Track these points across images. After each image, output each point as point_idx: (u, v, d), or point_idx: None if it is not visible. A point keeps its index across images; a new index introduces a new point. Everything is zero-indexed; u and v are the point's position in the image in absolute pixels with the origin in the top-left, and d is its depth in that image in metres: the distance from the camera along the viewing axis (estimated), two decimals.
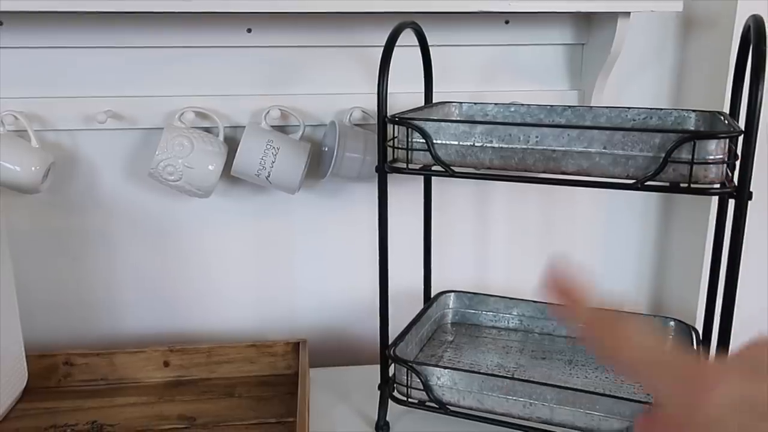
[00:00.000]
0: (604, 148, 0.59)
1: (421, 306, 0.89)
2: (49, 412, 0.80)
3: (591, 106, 0.78)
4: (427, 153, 0.65)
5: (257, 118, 0.88)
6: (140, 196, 0.91)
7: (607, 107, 0.77)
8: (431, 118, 0.67)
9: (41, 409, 0.80)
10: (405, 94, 0.88)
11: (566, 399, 0.66)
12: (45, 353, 0.85)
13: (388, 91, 0.91)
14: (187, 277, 0.95)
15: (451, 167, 0.64)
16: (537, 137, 0.60)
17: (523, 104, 0.81)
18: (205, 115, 0.86)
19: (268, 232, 0.95)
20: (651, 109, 0.76)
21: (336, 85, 0.91)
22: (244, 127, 0.87)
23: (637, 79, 0.95)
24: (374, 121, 0.90)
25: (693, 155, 0.56)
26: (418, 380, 0.71)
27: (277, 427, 0.77)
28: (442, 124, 0.64)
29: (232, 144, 0.86)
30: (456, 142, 0.64)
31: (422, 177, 0.88)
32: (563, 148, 0.60)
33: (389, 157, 0.69)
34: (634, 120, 0.76)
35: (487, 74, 0.94)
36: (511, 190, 0.98)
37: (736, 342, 0.63)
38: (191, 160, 0.82)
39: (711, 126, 0.71)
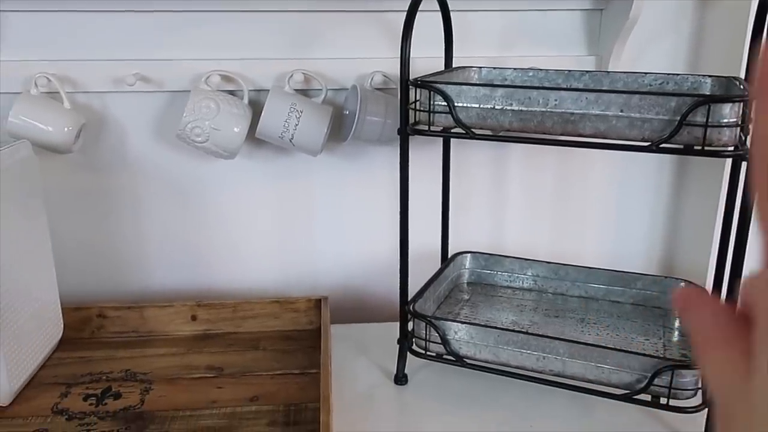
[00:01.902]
0: (621, 111, 0.61)
1: (439, 266, 0.92)
2: (84, 361, 0.84)
3: (608, 71, 0.80)
4: (449, 116, 0.67)
5: (280, 81, 0.90)
6: (167, 156, 0.94)
7: (624, 72, 0.79)
8: (453, 81, 0.69)
9: (76, 358, 0.85)
10: (425, 58, 0.90)
11: (578, 353, 0.69)
12: (80, 306, 0.89)
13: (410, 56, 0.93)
14: (211, 235, 0.99)
15: (472, 129, 0.67)
16: (556, 101, 0.62)
17: (541, 69, 0.83)
18: (230, 78, 0.89)
19: (291, 192, 0.98)
20: (667, 74, 0.77)
21: (357, 49, 0.92)
22: (268, 90, 0.90)
23: (655, 46, 0.96)
24: (395, 85, 0.92)
25: (707, 118, 0.58)
26: (437, 334, 0.75)
27: (300, 377, 0.81)
28: (464, 87, 0.66)
29: (255, 107, 0.89)
30: (477, 105, 0.66)
31: (441, 141, 0.90)
32: (581, 111, 0.62)
33: (411, 120, 0.71)
34: (650, 85, 0.77)
35: (506, 40, 0.95)
36: (527, 154, 1.00)
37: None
38: (218, 122, 0.85)
39: (726, 90, 0.72)
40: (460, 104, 0.67)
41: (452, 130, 0.69)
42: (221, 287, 1.00)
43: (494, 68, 0.84)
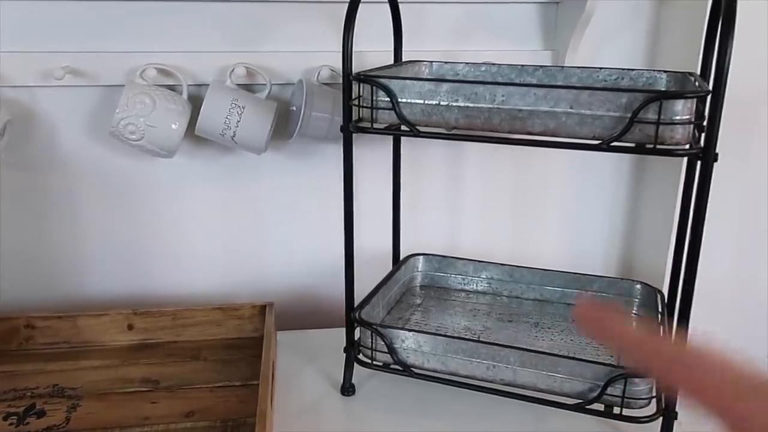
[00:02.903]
0: (571, 107, 0.57)
1: (386, 266, 0.88)
2: (8, 376, 0.78)
3: (563, 66, 0.77)
4: (392, 112, 0.63)
5: (222, 76, 0.85)
6: (103, 155, 0.89)
7: (578, 67, 0.76)
8: (396, 75, 0.66)
9: (2, 373, 0.79)
10: (376, 52, 0.86)
11: (529, 361, 0.66)
12: (5, 316, 0.83)
13: (359, 50, 0.88)
14: (151, 238, 0.93)
15: (416, 126, 0.63)
16: (503, 96, 0.59)
17: (494, 64, 0.79)
18: (168, 72, 0.84)
19: (236, 193, 0.93)
20: (623, 69, 0.74)
21: (304, 42, 0.88)
22: (207, 85, 0.85)
23: (612, 41, 0.93)
24: (341, 80, 0.87)
25: (659, 115, 0.55)
26: (383, 343, 0.71)
27: (241, 389, 0.77)
28: (407, 82, 0.62)
29: (196, 103, 0.84)
30: (421, 101, 0.62)
31: (392, 138, 0.86)
32: (529, 108, 0.58)
33: (354, 117, 0.67)
34: (605, 80, 0.75)
35: (460, 33, 0.91)
36: (483, 151, 0.97)
37: (697, 306, 0.62)
38: (153, 119, 0.80)
39: (682, 86, 0.70)
40: (404, 100, 0.63)
41: (397, 128, 0.65)
42: (161, 294, 0.95)
43: (445, 63, 0.81)
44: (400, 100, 0.63)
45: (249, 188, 0.93)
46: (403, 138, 0.87)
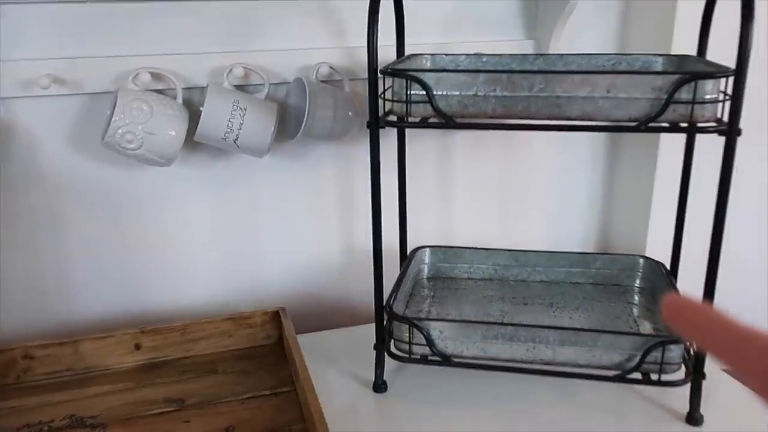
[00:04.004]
0: (608, 92, 0.60)
1: (393, 264, 0.88)
2: (15, 412, 0.73)
3: (561, 54, 0.79)
4: (426, 105, 0.64)
5: (214, 77, 0.82)
6: (87, 167, 0.83)
7: (576, 54, 0.79)
8: (429, 68, 0.66)
9: (6, 410, 0.73)
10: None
11: (568, 339, 0.68)
12: (0, 348, 0.77)
13: (353, 45, 0.88)
14: (144, 252, 0.89)
15: (453, 118, 0.63)
16: (541, 84, 0.61)
17: (493, 54, 0.81)
18: (160, 76, 0.80)
19: (228, 199, 0.90)
20: (619, 54, 0.78)
21: (296, 40, 0.86)
22: (201, 88, 0.82)
23: (587, 28, 0.97)
24: (340, 77, 0.87)
25: (694, 95, 0.58)
26: (421, 336, 0.71)
27: (272, 398, 0.75)
28: (443, 74, 0.63)
29: (189, 107, 0.81)
30: (458, 93, 0.63)
31: (396, 133, 0.86)
32: (567, 94, 0.60)
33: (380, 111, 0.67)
34: (604, 66, 0.78)
35: (448, 27, 0.92)
36: (471, 143, 0.99)
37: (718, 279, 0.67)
38: (152, 126, 0.76)
39: (680, 67, 0.74)
40: (439, 92, 0.63)
41: (429, 120, 0.65)
42: (157, 309, 0.91)
43: (446, 55, 0.81)
44: (435, 93, 0.63)
45: (241, 194, 0.91)
46: (390, 133, 0.87)
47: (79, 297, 0.87)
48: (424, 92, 0.63)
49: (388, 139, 0.88)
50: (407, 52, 0.82)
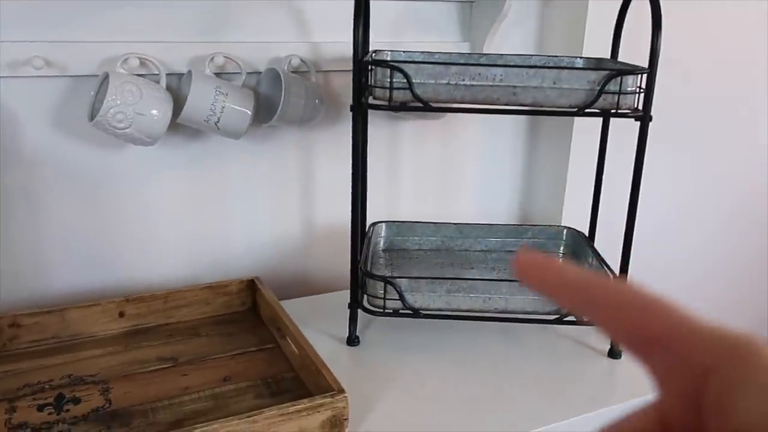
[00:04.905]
0: (554, 83, 0.74)
1: (345, 239, 0.98)
2: (11, 375, 0.76)
3: (502, 54, 0.93)
4: (404, 91, 0.75)
5: (195, 65, 0.89)
6: (68, 147, 0.87)
7: (515, 55, 0.93)
8: (407, 60, 0.77)
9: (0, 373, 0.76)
10: (333, 43, 0.96)
11: (517, 290, 0.82)
12: None
13: (316, 41, 0.98)
14: (120, 229, 0.94)
15: (429, 103, 0.75)
16: (502, 76, 0.74)
17: (444, 52, 0.94)
18: (144, 62, 0.86)
19: (199, 179, 0.97)
20: (548, 56, 0.93)
21: (267, 34, 0.95)
22: (179, 74, 0.89)
23: (512, 33, 1.12)
24: (307, 68, 0.96)
25: (620, 87, 0.73)
26: (392, 292, 0.82)
27: (260, 353, 0.83)
28: (421, 65, 0.74)
29: (170, 92, 0.87)
30: (433, 81, 0.74)
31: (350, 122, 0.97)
32: (522, 84, 0.74)
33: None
34: (536, 65, 0.93)
35: (393, 28, 1.04)
36: (415, 130, 1.11)
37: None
38: (141, 107, 0.82)
39: (598, 66, 0.90)
40: (417, 81, 0.75)
41: (408, 104, 0.77)
42: (132, 285, 0.96)
43: (404, 51, 0.93)
44: (414, 81, 0.75)
45: (212, 174, 0.98)
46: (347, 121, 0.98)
47: (55, 273, 0.91)
48: (405, 80, 0.74)
49: (346, 127, 0.99)
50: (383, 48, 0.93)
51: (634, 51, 0.91)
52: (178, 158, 0.95)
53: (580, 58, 0.93)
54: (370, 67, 0.77)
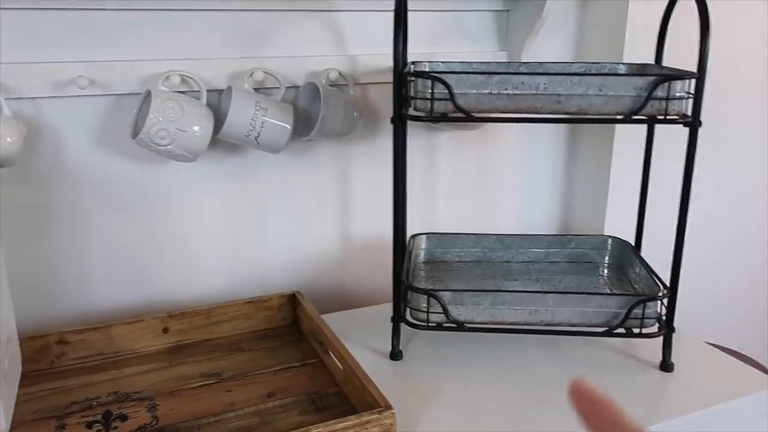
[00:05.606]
0: (599, 90, 0.72)
1: (385, 252, 0.97)
2: (60, 392, 0.77)
3: (542, 62, 0.92)
4: (446, 102, 0.74)
5: (234, 81, 0.89)
6: (110, 164, 0.88)
7: (554, 63, 0.92)
8: (447, 71, 0.76)
9: (48, 390, 0.77)
10: (371, 56, 0.96)
11: (564, 302, 0.80)
12: (36, 334, 0.80)
13: (353, 54, 0.98)
14: (158, 245, 0.94)
15: (471, 113, 0.74)
16: (545, 84, 0.73)
17: (482, 62, 0.93)
18: (185, 79, 0.86)
19: (241, 193, 0.97)
20: (589, 62, 0.91)
21: (304, 48, 0.95)
22: (218, 91, 0.89)
23: (550, 40, 1.11)
24: (345, 82, 0.96)
25: (668, 93, 0.71)
26: (438, 305, 0.81)
27: (304, 368, 0.82)
28: (462, 76, 0.73)
29: (210, 108, 0.87)
30: (475, 91, 0.73)
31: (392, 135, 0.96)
32: (567, 92, 0.73)
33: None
34: (576, 71, 0.91)
35: (430, 39, 1.04)
36: (452, 141, 1.10)
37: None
38: (183, 124, 0.82)
39: (643, 72, 0.88)
40: (458, 91, 0.74)
41: (449, 115, 0.76)
42: (172, 299, 0.96)
43: (442, 62, 0.92)
44: (455, 91, 0.74)
45: (251, 188, 0.98)
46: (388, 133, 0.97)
47: (98, 289, 0.92)
48: (446, 91, 0.73)
49: (383, 139, 0.99)
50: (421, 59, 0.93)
51: (672, 54, 0.90)
52: (217, 173, 0.95)
53: (622, 64, 0.91)
54: (410, 79, 0.76)
